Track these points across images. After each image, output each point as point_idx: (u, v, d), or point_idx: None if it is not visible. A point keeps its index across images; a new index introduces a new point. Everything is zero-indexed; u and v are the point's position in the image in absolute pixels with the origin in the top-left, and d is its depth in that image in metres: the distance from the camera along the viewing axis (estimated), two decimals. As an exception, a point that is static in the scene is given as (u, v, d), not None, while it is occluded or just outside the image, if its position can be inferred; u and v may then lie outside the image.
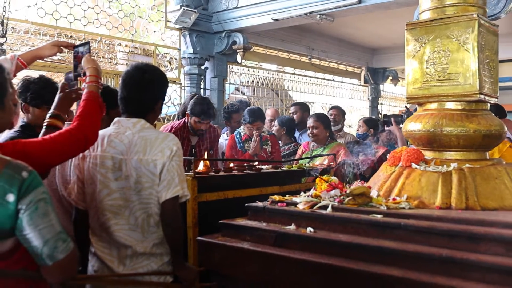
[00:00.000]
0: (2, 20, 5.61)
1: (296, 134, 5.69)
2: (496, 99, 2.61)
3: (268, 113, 6.27)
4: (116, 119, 2.25)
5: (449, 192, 2.23)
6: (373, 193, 2.42)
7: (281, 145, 5.10)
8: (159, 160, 2.09)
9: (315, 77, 10.68)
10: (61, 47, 2.54)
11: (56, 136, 1.92)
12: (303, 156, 4.67)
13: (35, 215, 1.57)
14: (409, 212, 2.12)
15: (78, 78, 2.28)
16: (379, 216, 2.13)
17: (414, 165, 2.40)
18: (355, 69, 11.86)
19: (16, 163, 1.62)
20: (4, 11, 5.61)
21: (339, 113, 6.16)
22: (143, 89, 2.19)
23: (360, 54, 11.56)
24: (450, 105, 2.49)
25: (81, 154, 2.17)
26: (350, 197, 2.29)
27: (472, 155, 2.44)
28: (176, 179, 2.10)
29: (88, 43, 2.39)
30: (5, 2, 5.59)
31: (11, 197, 1.55)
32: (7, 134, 2.67)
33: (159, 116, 3.31)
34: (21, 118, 3.36)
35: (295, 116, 6.03)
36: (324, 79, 10.94)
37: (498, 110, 5.03)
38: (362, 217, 2.15)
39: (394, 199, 2.30)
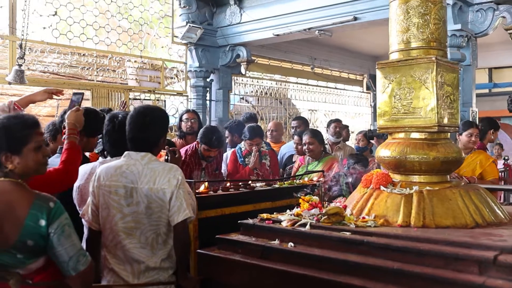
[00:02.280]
0: (21, 43, 6.06)
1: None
2: (456, 128, 2.98)
3: (270, 125, 6.74)
4: (126, 152, 2.65)
5: (409, 212, 2.61)
6: (348, 212, 2.81)
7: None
8: (168, 189, 2.50)
9: (317, 86, 11.03)
10: (52, 94, 3.07)
11: (50, 173, 2.49)
12: (300, 169, 5.07)
13: (62, 237, 2.05)
14: (372, 230, 2.51)
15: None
16: (347, 233, 2.52)
17: (382, 188, 2.79)
18: (357, 77, 12.19)
19: (44, 195, 2.11)
20: (23, 35, 6.06)
21: (342, 126, 6.56)
22: (146, 130, 2.60)
23: (361, 61, 11.87)
24: (415, 135, 2.86)
25: (96, 183, 2.61)
26: (326, 216, 2.68)
27: (433, 178, 2.81)
28: (184, 204, 2.51)
29: (82, 93, 2.95)
30: (23, 26, 6.04)
31: (42, 222, 2.02)
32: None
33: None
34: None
35: (298, 130, 6.48)
36: (326, 87, 11.29)
37: (491, 123, 5.37)
38: (333, 234, 2.55)
39: (363, 217, 2.68)
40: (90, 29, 7.19)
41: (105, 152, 3.10)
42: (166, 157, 3.05)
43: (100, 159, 3.04)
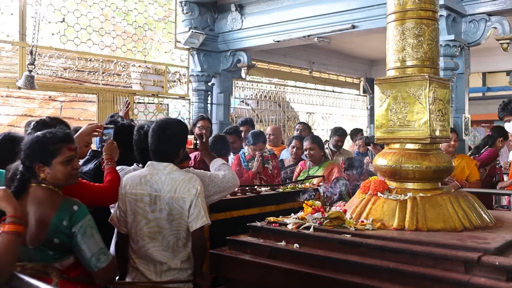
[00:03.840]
0: (31, 49, 6.30)
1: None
2: (447, 139, 3.25)
3: (268, 129, 7.00)
4: (149, 162, 2.90)
5: (404, 216, 2.87)
6: (348, 216, 3.07)
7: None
8: (188, 198, 2.75)
9: (315, 89, 11.27)
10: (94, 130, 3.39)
11: (102, 188, 2.84)
12: (301, 174, 5.33)
13: (85, 236, 2.33)
14: (370, 233, 2.78)
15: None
16: (348, 236, 2.78)
17: (379, 194, 3.05)
18: (354, 80, 12.43)
19: (70, 199, 2.40)
20: (33, 41, 6.30)
21: (343, 139, 6.81)
22: (167, 143, 2.85)
23: (358, 65, 12.11)
24: (409, 145, 3.13)
25: (123, 190, 2.87)
26: (328, 220, 2.94)
27: (426, 186, 3.08)
28: (202, 212, 2.76)
29: (113, 127, 3.27)
30: (34, 34, 6.27)
31: (65, 222, 2.31)
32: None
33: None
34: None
35: (302, 133, 6.76)
36: (324, 90, 11.53)
37: (501, 132, 5.68)
38: (335, 236, 2.81)
39: (362, 221, 2.95)
40: (96, 35, 7.42)
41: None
42: (195, 141, 3.28)
43: (134, 165, 3.28)
